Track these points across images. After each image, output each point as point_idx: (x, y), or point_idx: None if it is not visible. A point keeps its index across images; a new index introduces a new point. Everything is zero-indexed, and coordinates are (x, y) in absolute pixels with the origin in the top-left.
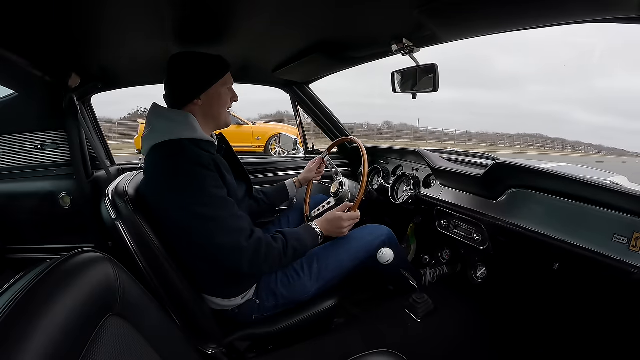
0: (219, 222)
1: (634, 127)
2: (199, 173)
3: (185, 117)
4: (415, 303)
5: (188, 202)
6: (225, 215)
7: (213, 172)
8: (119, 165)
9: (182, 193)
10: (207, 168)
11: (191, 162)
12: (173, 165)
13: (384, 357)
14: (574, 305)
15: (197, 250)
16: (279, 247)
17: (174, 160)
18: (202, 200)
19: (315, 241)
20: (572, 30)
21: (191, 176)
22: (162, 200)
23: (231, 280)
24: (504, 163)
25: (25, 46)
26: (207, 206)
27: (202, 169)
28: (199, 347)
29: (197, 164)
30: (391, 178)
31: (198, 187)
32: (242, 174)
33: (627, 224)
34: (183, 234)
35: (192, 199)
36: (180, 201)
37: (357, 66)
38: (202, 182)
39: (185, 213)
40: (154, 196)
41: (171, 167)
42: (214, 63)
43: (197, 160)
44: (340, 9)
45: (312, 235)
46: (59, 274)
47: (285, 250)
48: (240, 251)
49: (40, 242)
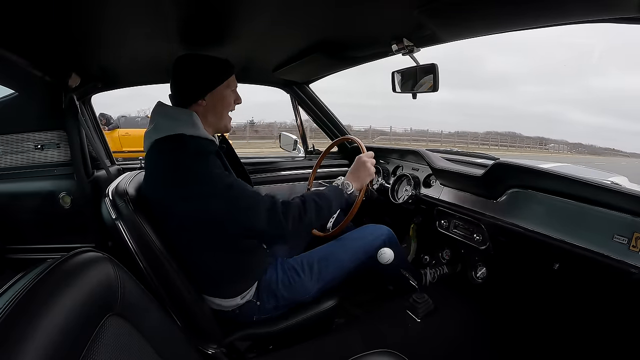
0: (232, 191)
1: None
2: (202, 162)
3: (189, 115)
4: (415, 303)
5: (195, 191)
6: (237, 185)
7: (217, 159)
8: (119, 165)
9: (186, 185)
10: (211, 157)
11: (193, 153)
12: (174, 159)
13: (384, 357)
14: (574, 305)
15: (199, 246)
16: (297, 202)
17: (175, 154)
18: (210, 183)
19: (339, 195)
20: (567, 30)
21: (194, 167)
22: (164, 196)
23: (231, 277)
24: (504, 163)
25: (25, 46)
26: (216, 185)
27: (205, 156)
28: (200, 347)
29: (199, 153)
30: (391, 178)
31: (202, 174)
32: (242, 175)
33: (627, 224)
34: (184, 231)
35: (199, 187)
36: (185, 192)
37: (356, 66)
38: (206, 169)
39: (193, 201)
40: (155, 193)
41: (172, 161)
42: (220, 65)
43: (199, 150)
44: (340, 8)
45: (334, 190)
46: (59, 273)
47: (305, 204)
48: (257, 208)
49: (40, 242)
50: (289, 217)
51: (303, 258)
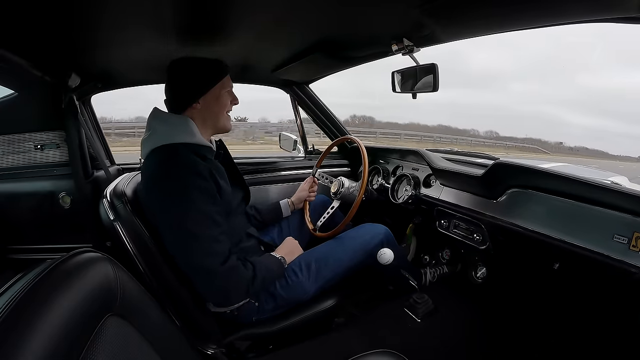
0: (200, 242)
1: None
2: (191, 183)
3: (184, 121)
4: (415, 303)
5: (174, 211)
6: (207, 235)
7: (207, 181)
8: (118, 165)
9: (170, 201)
10: (201, 176)
11: (185, 169)
12: (166, 170)
13: (384, 357)
14: (574, 305)
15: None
16: (248, 277)
17: (168, 165)
18: (188, 214)
19: (281, 268)
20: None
21: (182, 185)
22: (153, 203)
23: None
24: (504, 163)
25: (25, 46)
26: (191, 221)
27: (195, 177)
28: (199, 347)
29: (191, 171)
30: (391, 178)
31: (187, 199)
32: (239, 181)
33: (627, 224)
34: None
35: (179, 210)
36: (167, 207)
37: (356, 66)
38: (192, 194)
39: (170, 222)
40: (147, 199)
41: (164, 172)
42: (212, 67)
43: (191, 168)
44: (340, 8)
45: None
46: (59, 274)
47: (254, 281)
48: (213, 275)
49: (40, 242)
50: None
51: (301, 258)
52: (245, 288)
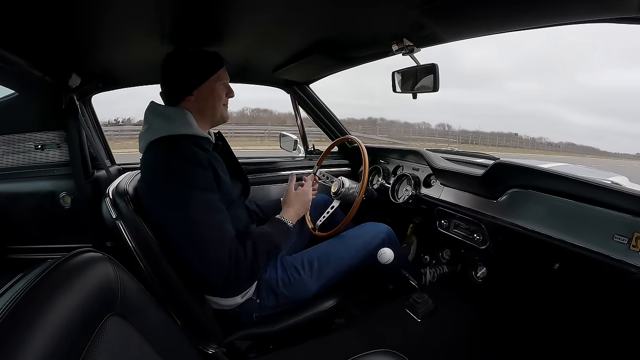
0: (204, 229)
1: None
2: (191, 172)
3: (181, 113)
4: (415, 303)
5: (176, 202)
6: (211, 222)
7: (207, 170)
8: (119, 165)
9: (172, 191)
10: (201, 166)
11: (184, 159)
12: (165, 162)
13: (384, 357)
14: (575, 305)
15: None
16: (250, 257)
17: (167, 157)
18: (190, 203)
19: (286, 232)
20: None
21: (182, 175)
22: (153, 198)
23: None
24: (505, 163)
25: (25, 46)
26: (194, 210)
27: (195, 167)
28: (200, 346)
29: (191, 161)
30: (391, 178)
31: (189, 187)
32: (238, 172)
33: (628, 224)
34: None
35: (181, 199)
36: (168, 198)
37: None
38: (194, 183)
39: (172, 212)
40: (146, 194)
41: (163, 165)
42: (207, 59)
43: (190, 158)
44: (340, 8)
45: (280, 229)
46: (59, 273)
47: (257, 256)
48: (219, 263)
49: (40, 242)
50: (243, 275)
51: (303, 256)
52: (250, 270)
